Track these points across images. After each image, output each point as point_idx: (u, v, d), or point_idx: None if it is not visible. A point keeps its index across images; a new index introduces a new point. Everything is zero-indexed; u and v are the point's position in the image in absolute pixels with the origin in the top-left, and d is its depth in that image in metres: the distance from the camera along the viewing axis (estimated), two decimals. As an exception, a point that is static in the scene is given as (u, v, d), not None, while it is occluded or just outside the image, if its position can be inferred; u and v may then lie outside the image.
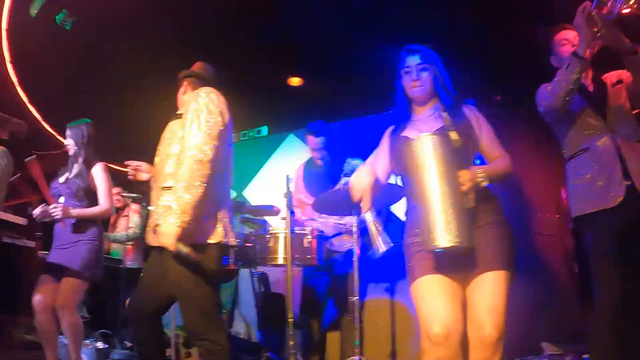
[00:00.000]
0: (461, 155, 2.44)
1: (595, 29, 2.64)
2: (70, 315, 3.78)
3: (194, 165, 2.58)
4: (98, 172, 4.00)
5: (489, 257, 2.40)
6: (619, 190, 2.78)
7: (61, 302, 3.76)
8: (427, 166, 2.29)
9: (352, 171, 4.13)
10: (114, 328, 5.19)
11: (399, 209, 4.44)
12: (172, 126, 2.89)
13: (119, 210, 6.13)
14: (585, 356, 3.74)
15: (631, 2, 2.56)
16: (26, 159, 4.02)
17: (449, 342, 2.34)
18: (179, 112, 2.89)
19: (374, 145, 4.33)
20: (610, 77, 3.06)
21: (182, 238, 2.53)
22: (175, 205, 2.55)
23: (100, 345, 4.68)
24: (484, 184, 2.41)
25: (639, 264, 2.74)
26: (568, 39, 3.04)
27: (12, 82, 6.41)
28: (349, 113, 4.98)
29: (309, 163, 4.53)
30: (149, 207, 2.96)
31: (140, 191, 5.55)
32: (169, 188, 2.71)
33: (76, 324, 3.83)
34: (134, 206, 6.03)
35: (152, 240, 2.83)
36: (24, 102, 6.64)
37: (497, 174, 2.52)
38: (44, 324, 3.83)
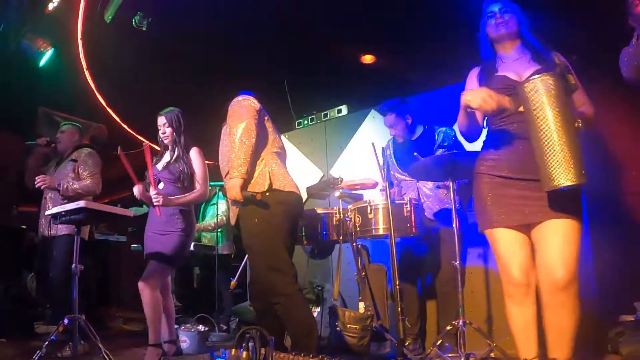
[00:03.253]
0: (569, 100, 2.47)
1: None
2: (150, 293, 3.84)
3: (240, 135, 3.06)
4: (195, 156, 4.06)
5: (560, 205, 2.49)
6: None
7: (143, 282, 3.85)
8: (547, 107, 2.30)
9: (445, 139, 4.21)
10: (210, 312, 5.36)
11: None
12: (223, 132, 3.41)
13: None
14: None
15: None
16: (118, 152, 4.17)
17: (526, 286, 2.56)
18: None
19: (455, 113, 4.35)
20: None
21: (244, 188, 3.03)
22: (233, 164, 3.03)
23: (201, 328, 4.83)
24: (582, 127, 2.43)
25: None
26: None
27: (90, 88, 6.71)
28: (426, 85, 4.97)
29: (394, 141, 4.55)
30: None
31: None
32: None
33: (155, 303, 3.88)
34: (222, 194, 6.18)
35: (233, 219, 3.29)
36: (103, 106, 6.95)
37: (588, 118, 2.60)
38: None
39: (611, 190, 4.35)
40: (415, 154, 4.03)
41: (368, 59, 6.21)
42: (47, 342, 3.34)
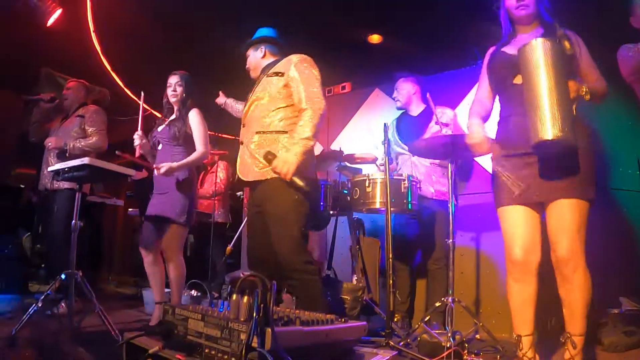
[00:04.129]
0: (569, 66, 2.55)
1: None
2: (173, 258, 3.98)
3: (317, 117, 2.99)
4: (194, 117, 4.06)
5: (566, 186, 2.56)
6: None
7: (165, 246, 3.98)
8: (540, 66, 2.40)
9: (444, 117, 4.27)
10: (204, 279, 5.42)
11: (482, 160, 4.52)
12: (267, 82, 3.19)
13: (207, 167, 6.37)
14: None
15: None
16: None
17: (527, 264, 2.64)
18: (276, 70, 3.18)
19: (457, 98, 4.40)
20: None
21: (296, 172, 2.90)
22: (299, 144, 2.92)
23: (193, 292, 4.91)
24: (587, 97, 2.54)
25: None
26: None
27: (96, 51, 6.67)
28: (432, 68, 5.02)
29: (401, 115, 4.62)
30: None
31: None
32: (270, 132, 3.08)
33: (179, 267, 4.01)
34: (221, 163, 6.23)
35: (253, 174, 3.10)
36: (108, 70, 6.92)
37: (598, 93, 2.66)
38: (148, 267, 4.03)
39: (602, 185, 4.41)
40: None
41: (375, 38, 6.22)
42: (42, 297, 3.33)
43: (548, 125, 2.33)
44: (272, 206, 3.01)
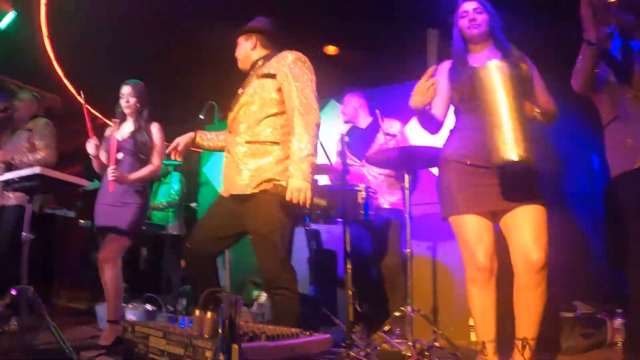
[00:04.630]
0: (524, 87, 2.61)
1: (597, 13, 2.59)
2: (111, 268, 3.87)
3: (312, 129, 2.73)
4: (156, 131, 4.05)
5: (528, 193, 2.63)
6: None
7: (104, 256, 3.87)
8: (500, 88, 2.43)
9: (391, 128, 4.32)
10: (159, 292, 5.32)
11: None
12: (259, 85, 2.90)
13: (161, 177, 6.27)
14: (619, 310, 3.89)
15: None
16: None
17: (491, 271, 2.70)
18: (268, 71, 2.89)
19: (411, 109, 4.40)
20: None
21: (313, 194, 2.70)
22: (303, 164, 2.66)
23: (148, 307, 4.80)
24: (539, 118, 2.67)
25: None
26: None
27: (49, 57, 6.51)
28: (386, 80, 5.08)
29: (350, 129, 4.68)
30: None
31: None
32: (260, 142, 2.84)
33: (115, 278, 3.90)
34: (175, 173, 6.14)
35: (236, 188, 2.86)
36: (60, 77, 6.76)
37: (549, 114, 2.77)
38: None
39: (555, 191, 4.53)
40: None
41: (331, 49, 6.26)
42: (-8, 314, 3.20)
43: (511, 146, 2.36)
44: (255, 224, 2.83)
